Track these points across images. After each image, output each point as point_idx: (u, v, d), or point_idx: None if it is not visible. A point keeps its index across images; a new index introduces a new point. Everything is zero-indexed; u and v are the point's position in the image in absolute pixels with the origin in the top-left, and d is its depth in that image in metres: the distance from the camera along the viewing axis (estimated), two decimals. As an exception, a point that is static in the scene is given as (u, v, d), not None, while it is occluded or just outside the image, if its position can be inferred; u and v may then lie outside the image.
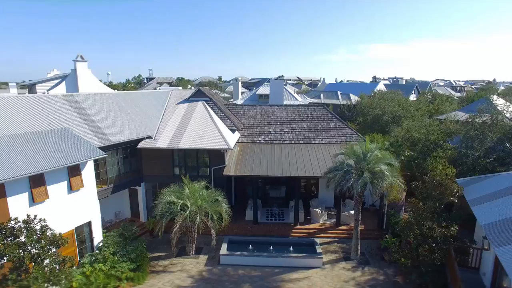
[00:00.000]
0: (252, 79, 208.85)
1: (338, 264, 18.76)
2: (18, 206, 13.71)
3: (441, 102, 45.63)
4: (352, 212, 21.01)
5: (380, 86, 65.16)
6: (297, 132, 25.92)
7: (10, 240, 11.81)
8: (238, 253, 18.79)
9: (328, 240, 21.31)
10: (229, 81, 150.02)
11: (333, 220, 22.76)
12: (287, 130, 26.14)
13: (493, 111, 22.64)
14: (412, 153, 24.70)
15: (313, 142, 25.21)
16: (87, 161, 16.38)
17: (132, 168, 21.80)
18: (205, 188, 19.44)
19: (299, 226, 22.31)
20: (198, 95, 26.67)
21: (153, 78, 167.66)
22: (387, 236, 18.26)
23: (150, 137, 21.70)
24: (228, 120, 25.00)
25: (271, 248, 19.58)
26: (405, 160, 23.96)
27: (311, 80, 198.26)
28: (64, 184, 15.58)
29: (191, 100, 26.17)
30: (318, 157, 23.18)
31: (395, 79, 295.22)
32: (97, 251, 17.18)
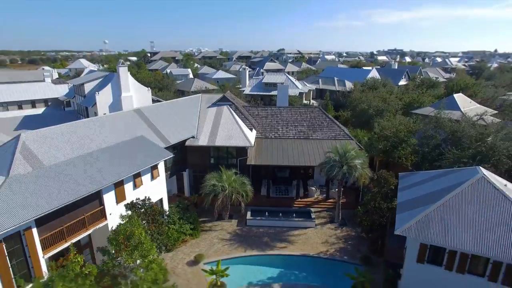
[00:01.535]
0: (253, 52, 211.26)
1: (326, 225, 27.92)
2: (129, 191, 22.36)
3: (421, 94, 52.69)
4: (337, 190, 29.85)
5: (373, 73, 71.90)
6: (298, 130, 34.18)
7: (136, 210, 20.54)
8: (258, 218, 27.89)
9: (320, 209, 30.38)
10: (232, 58, 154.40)
11: (324, 195, 31.76)
12: (291, 127, 34.38)
13: (441, 119, 30.49)
14: (385, 146, 33.08)
15: (310, 137, 33.56)
16: (160, 161, 24.82)
17: (181, 159, 30.25)
18: (234, 174, 28.04)
19: (299, 199, 31.33)
20: (223, 100, 34.48)
21: (157, 53, 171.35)
22: (359, 207, 27.17)
23: (193, 137, 29.98)
24: (247, 121, 33.13)
25: (280, 214, 28.61)
26: (381, 149, 32.34)
27: (311, 54, 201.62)
28: (149, 175, 24.13)
29: (218, 104, 34.04)
30: (314, 150, 31.69)
31: (394, 51, 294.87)
32: (166, 217, 26.08)
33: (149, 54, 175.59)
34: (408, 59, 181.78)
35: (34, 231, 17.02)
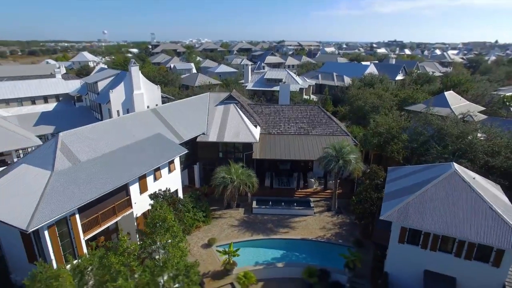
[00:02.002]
0: (253, 44, 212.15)
1: (323, 213, 31.17)
2: (150, 183, 25.48)
3: (415, 90, 55.46)
4: (334, 181, 33.04)
5: (371, 68, 74.41)
6: (299, 126, 37.15)
7: (159, 199, 23.68)
8: (263, 206, 31.11)
9: (318, 199, 33.61)
10: (233, 51, 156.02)
11: (322, 186, 34.96)
12: (292, 124, 37.33)
13: (429, 117, 33.36)
14: (379, 141, 36.06)
15: (310, 133, 36.56)
16: (176, 156, 27.87)
17: (192, 153, 33.28)
18: (241, 167, 31.12)
19: (299, 190, 34.53)
20: (230, 98, 37.36)
21: (158, 45, 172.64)
22: (353, 197, 30.34)
23: (203, 133, 32.98)
24: (252, 118, 36.08)
25: (282, 203, 31.84)
26: (375, 144, 35.37)
27: (311, 46, 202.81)
28: (167, 169, 27.21)
29: (225, 103, 36.92)
30: (313, 145, 34.75)
31: (394, 43, 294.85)
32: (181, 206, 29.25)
33: (150, 47, 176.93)
34: (407, 51, 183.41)
35: (77, 217, 20.20)
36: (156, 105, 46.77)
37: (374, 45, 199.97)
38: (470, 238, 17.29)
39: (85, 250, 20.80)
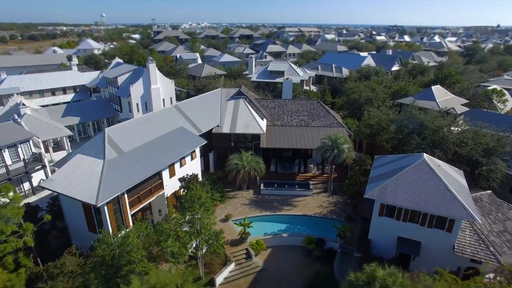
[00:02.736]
0: (253, 29, 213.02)
1: (320, 194, 36.67)
2: (177, 168, 30.77)
3: (408, 83, 60.03)
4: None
5: (368, 60, 78.57)
6: (300, 119, 42.15)
7: (185, 182, 29.01)
8: (269, 188, 36.57)
9: (316, 182, 39.04)
10: (235, 39, 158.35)
11: (320, 171, 40.35)
12: (294, 117, 42.32)
13: (413, 110, 38.26)
14: (370, 132, 41.09)
15: (310, 125, 41.61)
16: (198, 146, 33.05)
17: (207, 142, 38.38)
18: (251, 155, 36.32)
19: (300, 174, 39.93)
20: (239, 94, 42.15)
21: (160, 32, 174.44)
22: (346, 180, 35.73)
23: (218, 126, 38.02)
24: (259, 112, 41.03)
25: (285, 186, 37.28)
26: (367, 134, 40.47)
27: (311, 32, 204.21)
28: (189, 157, 32.45)
29: (235, 98, 41.74)
30: (313, 135, 39.88)
31: (394, 28, 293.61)
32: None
33: (152, 33, 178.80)
34: (407, 38, 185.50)
35: (125, 196, 25.58)
36: (171, 98, 51.66)
37: (374, 32, 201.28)
38: (431, 212, 22.71)
39: (130, 222, 26.32)
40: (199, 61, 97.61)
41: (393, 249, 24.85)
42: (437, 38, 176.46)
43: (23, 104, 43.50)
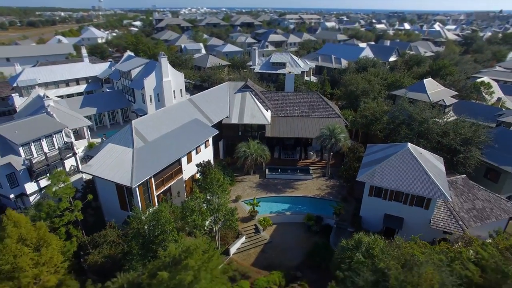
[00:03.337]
0: (253, 14, 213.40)
1: (319, 178, 41.05)
2: (193, 155, 34.98)
3: (402, 75, 63.56)
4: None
5: (366, 51, 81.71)
6: (301, 110, 46.11)
7: (201, 167, 33.28)
8: (274, 173, 40.93)
9: (315, 167, 43.38)
10: (236, 27, 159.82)
11: (319, 158, 44.64)
12: (296, 108, 46.26)
13: (404, 103, 42.14)
14: (365, 122, 45.03)
15: (310, 116, 45.61)
16: (211, 136, 37.14)
17: (218, 132, 42.48)
18: (257, 143, 40.45)
19: (301, 161, 44.23)
20: (245, 87, 45.95)
21: (162, 20, 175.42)
22: (342, 166, 40.02)
23: (227, 117, 42.01)
24: (264, 103, 44.94)
25: (288, 170, 41.62)
26: (363, 124, 44.52)
27: (311, 19, 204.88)
28: (203, 145, 36.60)
29: (242, 91, 45.55)
30: (313, 125, 43.95)
31: (395, 15, 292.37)
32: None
33: (154, 21, 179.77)
34: (407, 25, 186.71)
35: (152, 179, 29.85)
36: (181, 90, 55.38)
37: (374, 21, 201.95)
38: (412, 192, 27.08)
39: (156, 202, 30.71)
40: (203, 51, 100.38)
41: (381, 224, 29.37)
42: (437, 26, 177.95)
43: (47, 97, 47.27)
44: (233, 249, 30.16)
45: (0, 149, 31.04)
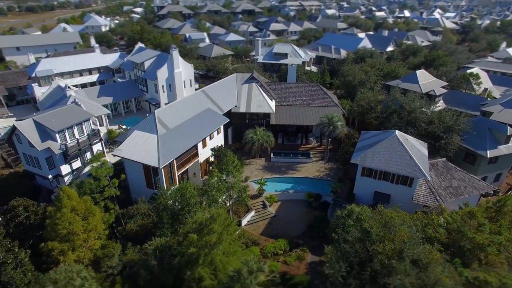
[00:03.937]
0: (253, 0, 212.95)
1: (319, 162, 45.77)
2: (207, 141, 39.51)
3: (398, 66, 67.41)
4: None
5: (365, 42, 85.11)
6: (303, 100, 50.37)
7: (214, 151, 37.88)
8: (278, 156, 45.61)
9: (315, 152, 48.04)
10: (238, 15, 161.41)
11: (318, 143, 49.25)
12: (298, 98, 50.51)
13: (397, 94, 46.34)
14: (361, 110, 49.35)
15: (310, 105, 49.92)
16: (222, 124, 41.56)
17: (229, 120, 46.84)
18: (263, 130, 44.88)
19: (302, 146, 48.85)
20: (251, 78, 50.04)
21: (163, 7, 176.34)
22: (339, 150, 44.62)
23: (236, 106, 46.31)
24: (269, 94, 49.16)
25: (291, 155, 46.27)
26: (359, 112, 48.92)
27: (312, 7, 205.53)
28: (216, 132, 41.06)
29: (248, 82, 49.65)
30: (313, 114, 48.34)
31: (396, 1, 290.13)
32: (223, 156, 43.54)
33: (155, 8, 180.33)
34: (407, 12, 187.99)
35: (174, 162, 34.45)
36: (190, 80, 59.37)
37: (374, 8, 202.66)
38: (398, 172, 31.80)
39: (177, 181, 35.42)
40: (207, 40, 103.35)
41: (371, 200, 34.23)
42: (436, 14, 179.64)
43: (68, 87, 51.33)
44: (244, 221, 35.13)
45: (40, 136, 35.46)
